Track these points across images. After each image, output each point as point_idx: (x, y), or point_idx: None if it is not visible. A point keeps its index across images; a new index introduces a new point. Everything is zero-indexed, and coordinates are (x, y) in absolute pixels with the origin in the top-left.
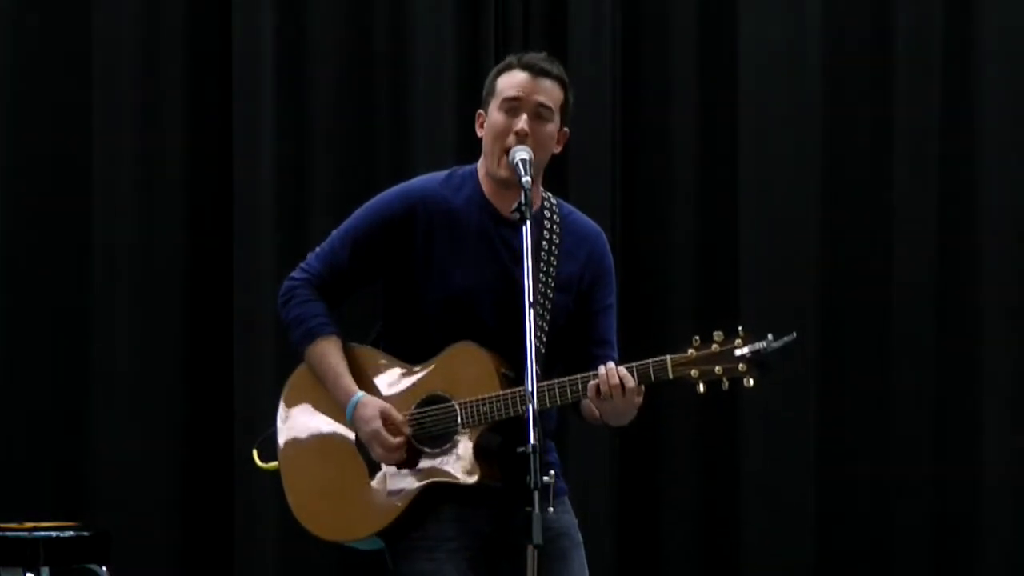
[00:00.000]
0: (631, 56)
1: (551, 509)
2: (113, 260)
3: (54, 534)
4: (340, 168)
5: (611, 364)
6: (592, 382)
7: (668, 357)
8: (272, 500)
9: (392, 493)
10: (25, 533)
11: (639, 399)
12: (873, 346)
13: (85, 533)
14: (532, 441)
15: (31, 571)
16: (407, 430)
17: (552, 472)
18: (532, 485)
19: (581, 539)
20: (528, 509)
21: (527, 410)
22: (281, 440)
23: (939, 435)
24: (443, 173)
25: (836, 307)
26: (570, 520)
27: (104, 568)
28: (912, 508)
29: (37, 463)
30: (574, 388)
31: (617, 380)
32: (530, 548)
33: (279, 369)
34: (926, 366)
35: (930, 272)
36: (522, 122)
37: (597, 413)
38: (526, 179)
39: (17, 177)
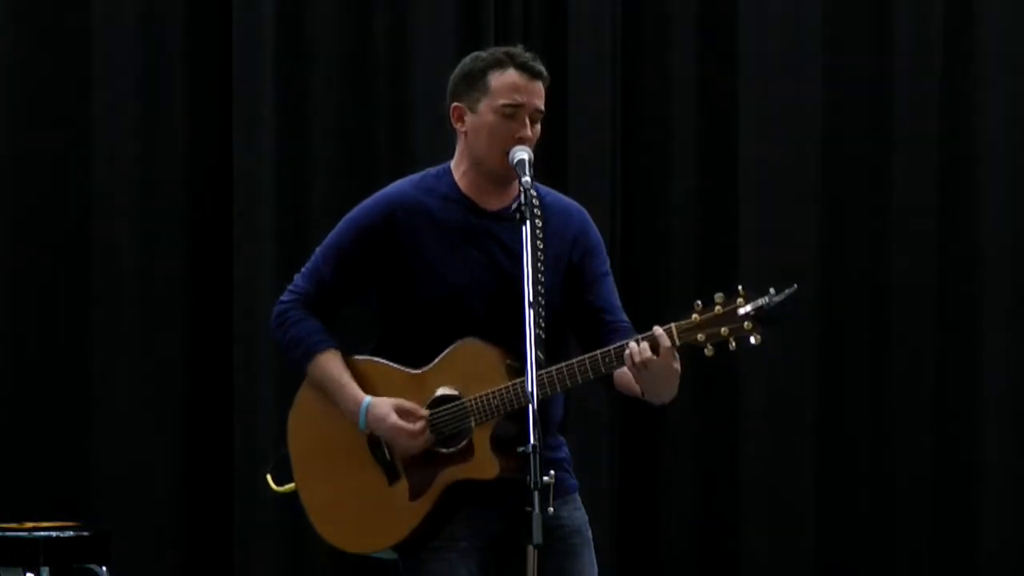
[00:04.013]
0: (631, 55)
1: (551, 509)
2: (113, 260)
3: (54, 534)
4: (340, 168)
5: (657, 329)
6: (627, 351)
7: (673, 324)
8: (272, 501)
9: (414, 498)
10: (25, 533)
11: (677, 365)
12: (873, 343)
13: (85, 533)
14: (532, 441)
15: (31, 571)
16: (424, 412)
17: (552, 472)
18: (532, 485)
19: (591, 536)
20: (528, 509)
21: (528, 408)
22: (294, 461)
23: (939, 432)
24: (416, 176)
25: (836, 308)
26: (581, 517)
27: (104, 568)
28: (913, 505)
29: (37, 463)
30: (606, 360)
31: (667, 342)
32: (530, 548)
33: (279, 369)
34: (925, 365)
35: (930, 272)
36: (528, 130)
37: (637, 388)
38: (526, 179)
39: (17, 177)
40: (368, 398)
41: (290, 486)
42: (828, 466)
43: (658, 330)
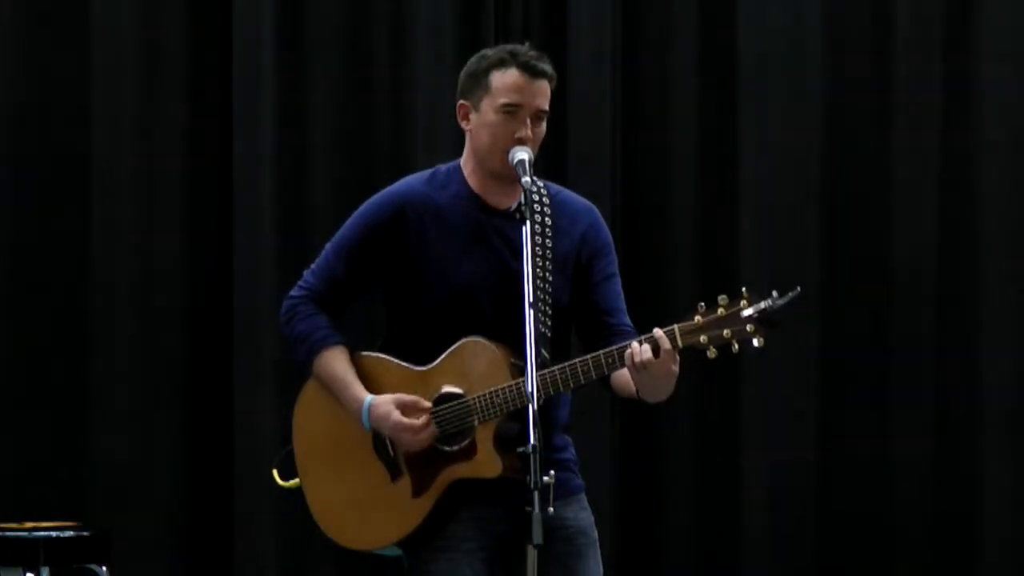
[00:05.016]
0: (631, 55)
1: (551, 509)
2: (113, 260)
3: (54, 534)
4: (340, 168)
5: (658, 331)
6: (628, 351)
7: (676, 326)
8: (271, 500)
9: (416, 495)
10: (25, 533)
11: (676, 367)
12: (873, 342)
13: (85, 533)
14: (532, 441)
15: (31, 571)
16: (426, 404)
17: (552, 472)
18: (532, 485)
19: (597, 536)
20: (528, 509)
21: (528, 408)
22: (299, 456)
23: (940, 432)
24: (426, 172)
25: (837, 305)
26: (587, 518)
27: (104, 568)
28: (913, 506)
29: (37, 463)
30: (609, 360)
31: (668, 344)
32: (530, 548)
33: (279, 369)
34: (926, 365)
35: (930, 272)
36: (528, 130)
37: (634, 388)
38: (526, 179)
39: (16, 177)
40: (370, 397)
41: (295, 481)
42: (828, 466)
43: (659, 332)
